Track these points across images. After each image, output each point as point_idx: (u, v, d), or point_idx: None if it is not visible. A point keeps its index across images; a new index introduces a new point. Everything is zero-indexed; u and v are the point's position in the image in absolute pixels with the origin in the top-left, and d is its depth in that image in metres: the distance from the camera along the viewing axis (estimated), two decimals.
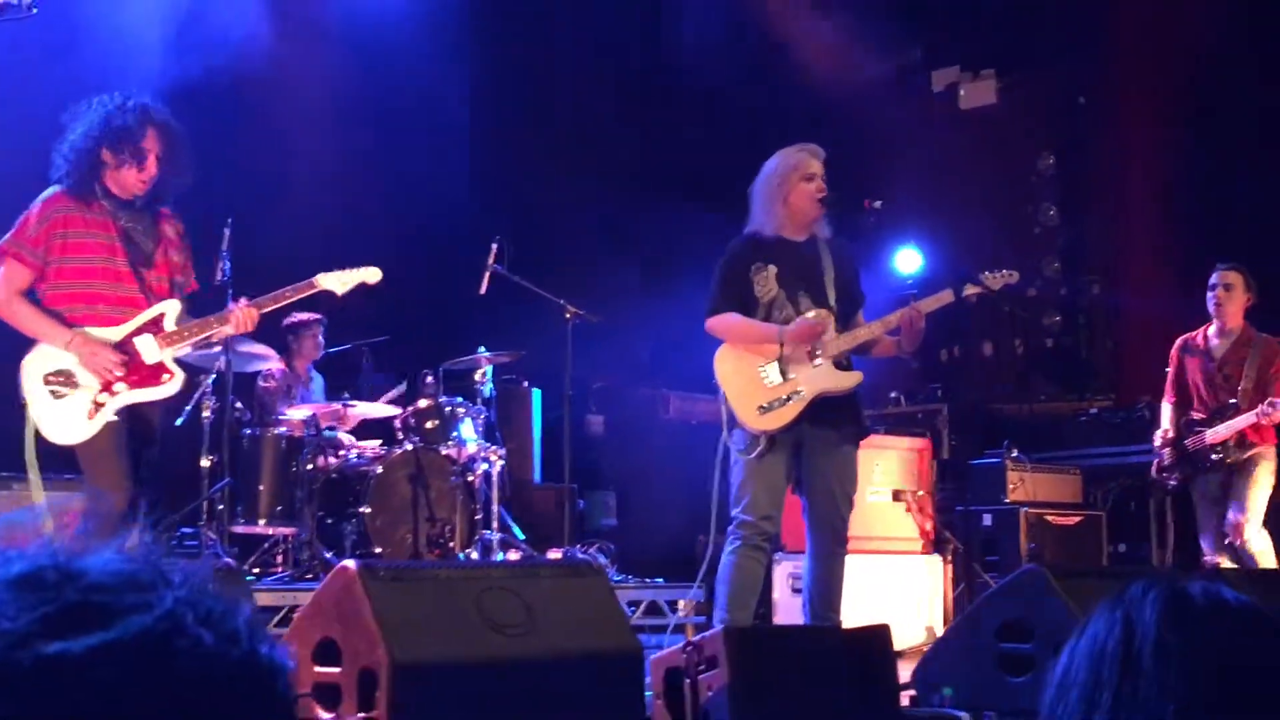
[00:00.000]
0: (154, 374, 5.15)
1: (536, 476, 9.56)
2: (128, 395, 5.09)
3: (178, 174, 5.24)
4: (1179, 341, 7.64)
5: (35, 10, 4.60)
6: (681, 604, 7.59)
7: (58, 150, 5.08)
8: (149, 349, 5.13)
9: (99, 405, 5.05)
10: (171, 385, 5.19)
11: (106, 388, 5.06)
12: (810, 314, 5.43)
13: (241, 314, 5.23)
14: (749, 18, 9.75)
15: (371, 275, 5.54)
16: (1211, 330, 7.46)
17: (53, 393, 5.05)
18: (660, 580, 8.13)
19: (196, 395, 7.63)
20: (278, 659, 0.90)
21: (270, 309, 5.34)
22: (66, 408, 5.05)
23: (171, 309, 5.19)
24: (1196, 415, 7.40)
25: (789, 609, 7.23)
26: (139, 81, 5.41)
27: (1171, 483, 7.55)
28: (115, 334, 5.11)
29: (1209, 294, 7.42)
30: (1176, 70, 10.43)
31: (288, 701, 0.90)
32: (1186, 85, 10.40)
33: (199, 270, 5.61)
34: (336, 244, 9.15)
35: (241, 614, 0.89)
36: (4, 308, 5.10)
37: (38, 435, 5.05)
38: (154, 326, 5.16)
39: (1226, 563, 7.17)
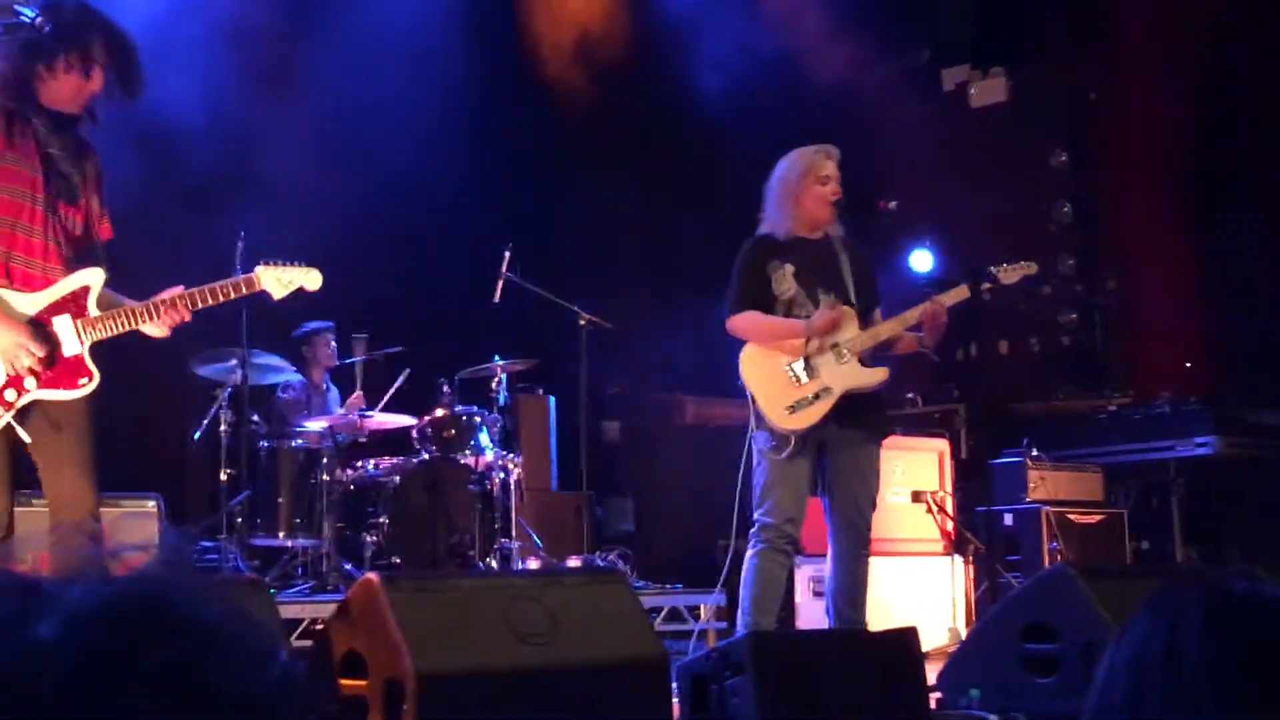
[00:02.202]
0: (69, 373, 4.16)
1: (554, 484, 9.54)
2: (35, 394, 4.12)
3: (129, 93, 4.29)
4: None
5: (47, 29, 4.40)
6: (703, 609, 7.56)
7: None
8: (68, 337, 4.16)
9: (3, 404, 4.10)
10: (85, 389, 4.18)
11: (14, 383, 4.10)
12: (829, 301, 5.41)
13: (165, 313, 4.26)
14: (758, 18, 9.73)
15: (312, 280, 4.68)
16: None
17: None
18: (679, 586, 8.10)
19: (213, 409, 7.64)
20: (306, 686, 0.88)
21: (203, 306, 4.38)
22: None
23: (96, 282, 4.23)
24: None
25: (811, 613, 7.20)
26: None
27: None
28: (31, 304, 4.15)
29: None
30: (1187, 63, 10.39)
31: None
32: (1197, 77, 10.36)
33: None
34: (346, 253, 9.18)
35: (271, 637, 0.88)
36: None
37: None
38: (74, 305, 4.19)
39: None
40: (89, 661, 0.78)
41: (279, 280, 4.59)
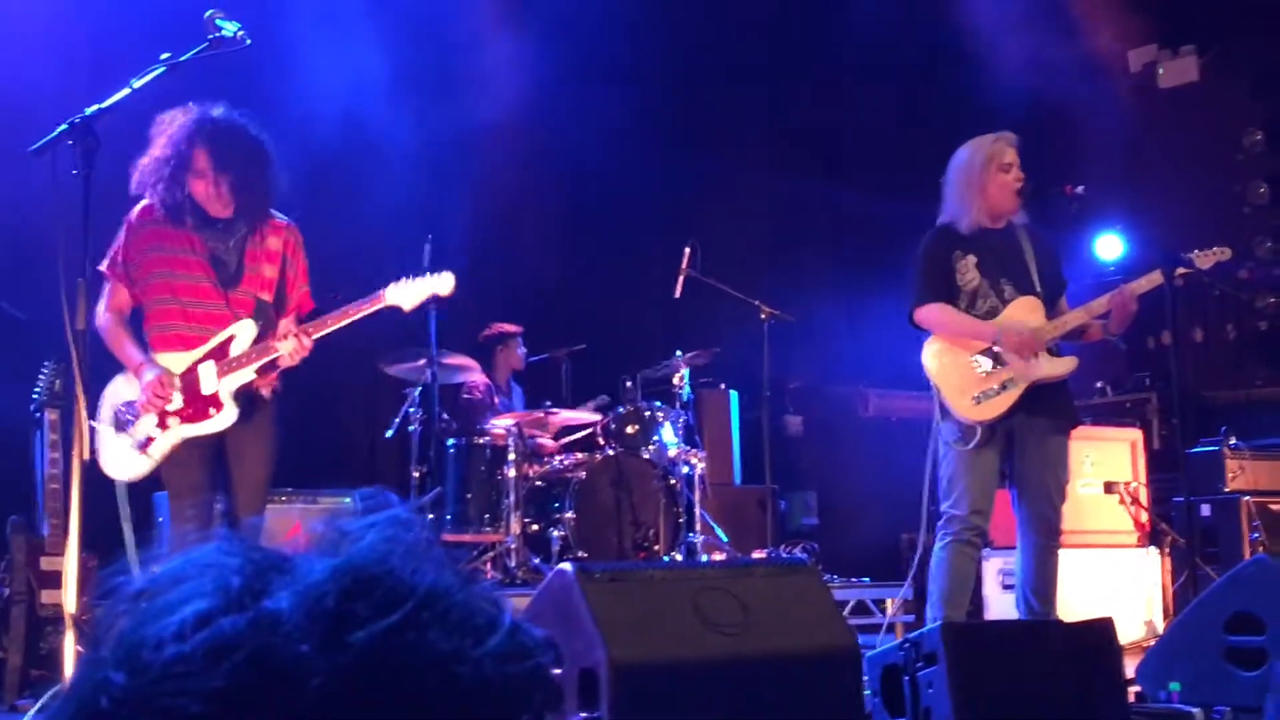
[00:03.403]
0: (204, 408, 4.80)
1: (737, 478, 9.57)
2: (178, 430, 4.78)
3: (251, 188, 4.84)
4: None
5: (249, 42, 4.62)
6: (889, 603, 7.51)
7: (139, 168, 4.78)
8: (208, 378, 4.80)
9: (151, 440, 4.78)
10: (220, 420, 4.79)
11: (161, 422, 4.78)
12: (1023, 314, 5.33)
13: (294, 343, 4.75)
14: (934, 8, 9.61)
15: (443, 285, 4.93)
16: None
17: (116, 424, 4.83)
18: (866, 579, 8.06)
19: (404, 408, 7.85)
20: (533, 651, 0.90)
21: (331, 330, 4.85)
22: (123, 443, 4.81)
23: (245, 331, 4.84)
24: None
25: (1000, 605, 7.10)
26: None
27: None
28: (185, 360, 4.83)
29: None
30: None
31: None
32: None
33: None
34: (527, 251, 9.33)
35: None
36: (102, 330, 4.85)
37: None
38: (219, 353, 4.83)
39: None
40: (312, 630, 0.81)
41: (409, 294, 4.89)
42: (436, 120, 8.67)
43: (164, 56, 4.50)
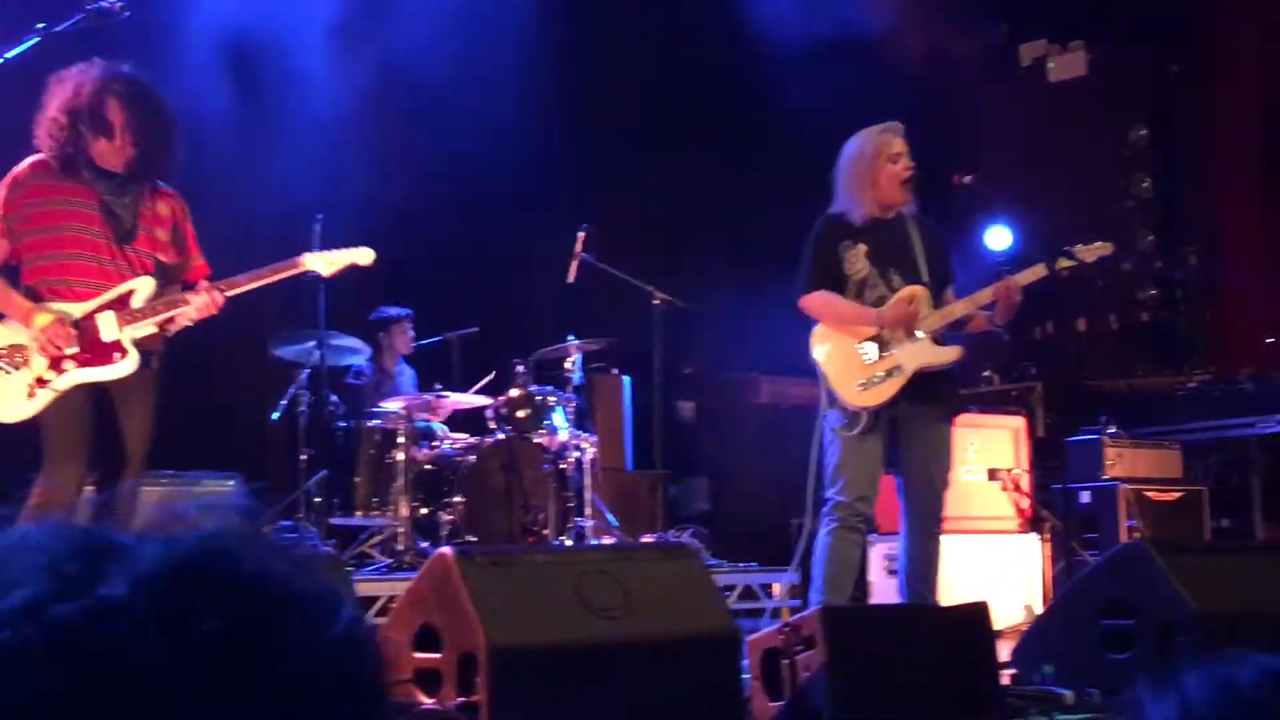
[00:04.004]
0: (105, 353, 4.79)
1: (628, 463, 9.58)
2: (75, 374, 4.75)
3: (155, 146, 4.85)
4: None
5: (127, 13, 4.57)
6: (776, 587, 7.57)
7: (38, 122, 4.76)
8: (108, 326, 4.77)
9: (42, 382, 4.73)
10: (123, 365, 4.79)
11: (54, 365, 4.74)
12: (904, 292, 5.39)
13: (205, 298, 4.82)
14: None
15: (363, 256, 5.08)
16: None
17: (1, 369, 4.77)
18: (754, 564, 8.11)
19: (291, 390, 7.76)
20: (371, 642, 0.89)
21: (244, 290, 4.90)
22: (8, 385, 4.75)
23: (143, 286, 4.84)
24: None
25: (885, 590, 7.19)
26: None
27: None
28: (78, 309, 4.80)
29: None
30: (1273, 33, 10.20)
31: (382, 685, 0.89)
32: None
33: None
34: (420, 233, 9.25)
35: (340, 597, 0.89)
36: None
37: None
38: (119, 304, 4.81)
39: None
40: (155, 620, 0.79)
41: (326, 260, 5.00)
42: (327, 100, 8.56)
43: (39, 26, 4.41)
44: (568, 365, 8.25)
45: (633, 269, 8.47)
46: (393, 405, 7.87)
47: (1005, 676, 4.57)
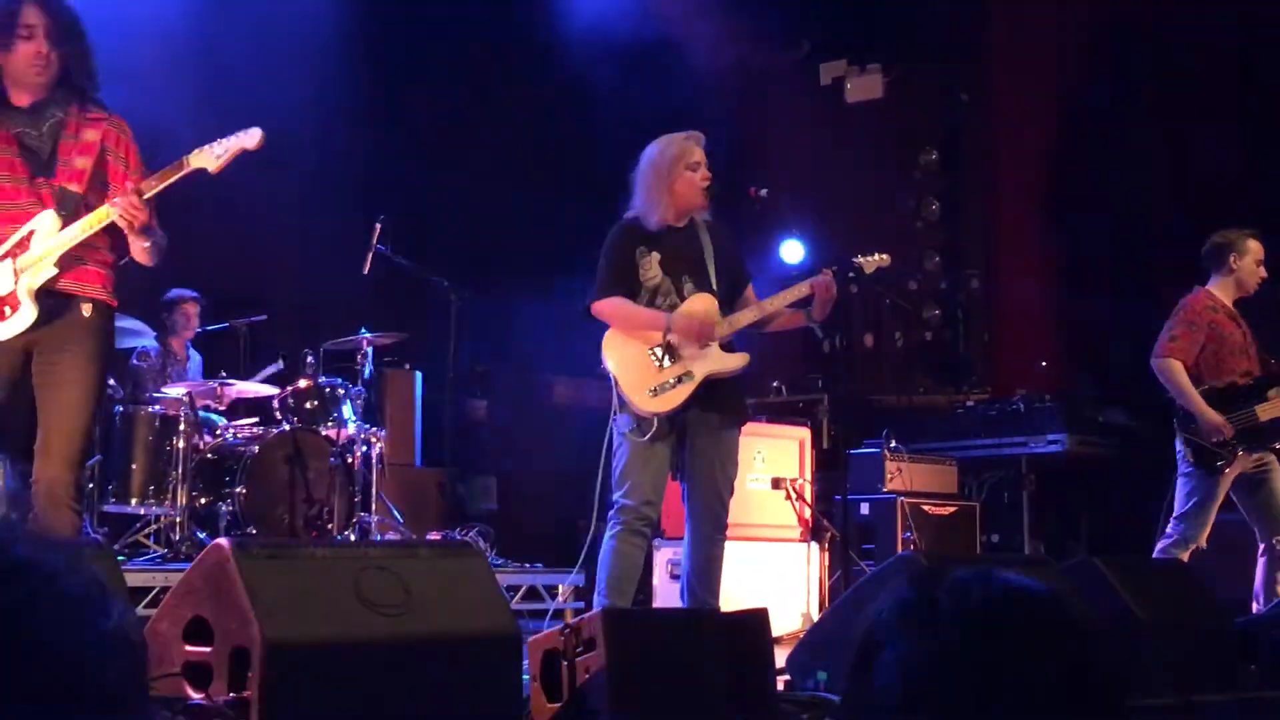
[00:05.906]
0: None
1: (417, 460, 9.49)
2: None
3: (77, 63, 4.50)
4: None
5: None
6: (561, 589, 7.59)
7: None
8: (4, 277, 4.41)
9: None
10: (14, 322, 4.38)
11: None
12: (696, 306, 5.44)
13: (124, 202, 4.39)
14: (636, 4, 9.74)
15: (251, 140, 4.60)
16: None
17: None
18: (539, 565, 8.12)
19: None
20: (136, 644, 0.88)
21: (156, 191, 4.50)
22: None
23: (44, 224, 4.43)
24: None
25: (668, 595, 7.26)
26: None
27: None
28: None
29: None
30: (1051, 68, 10.65)
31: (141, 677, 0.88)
32: (1061, 84, 10.63)
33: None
34: (214, 218, 9.01)
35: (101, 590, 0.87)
36: None
37: None
38: (17, 249, 4.43)
39: None
40: None
41: (213, 154, 4.56)
42: (127, 82, 8.28)
43: None
44: (359, 358, 8.15)
45: (429, 264, 8.39)
46: (176, 391, 7.66)
47: (780, 682, 4.65)
